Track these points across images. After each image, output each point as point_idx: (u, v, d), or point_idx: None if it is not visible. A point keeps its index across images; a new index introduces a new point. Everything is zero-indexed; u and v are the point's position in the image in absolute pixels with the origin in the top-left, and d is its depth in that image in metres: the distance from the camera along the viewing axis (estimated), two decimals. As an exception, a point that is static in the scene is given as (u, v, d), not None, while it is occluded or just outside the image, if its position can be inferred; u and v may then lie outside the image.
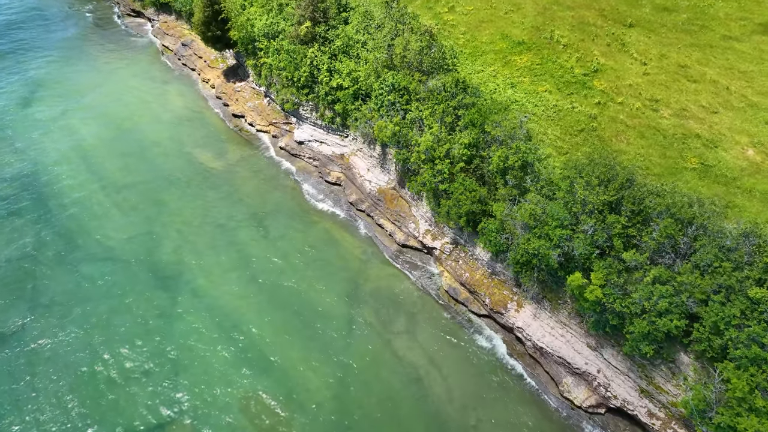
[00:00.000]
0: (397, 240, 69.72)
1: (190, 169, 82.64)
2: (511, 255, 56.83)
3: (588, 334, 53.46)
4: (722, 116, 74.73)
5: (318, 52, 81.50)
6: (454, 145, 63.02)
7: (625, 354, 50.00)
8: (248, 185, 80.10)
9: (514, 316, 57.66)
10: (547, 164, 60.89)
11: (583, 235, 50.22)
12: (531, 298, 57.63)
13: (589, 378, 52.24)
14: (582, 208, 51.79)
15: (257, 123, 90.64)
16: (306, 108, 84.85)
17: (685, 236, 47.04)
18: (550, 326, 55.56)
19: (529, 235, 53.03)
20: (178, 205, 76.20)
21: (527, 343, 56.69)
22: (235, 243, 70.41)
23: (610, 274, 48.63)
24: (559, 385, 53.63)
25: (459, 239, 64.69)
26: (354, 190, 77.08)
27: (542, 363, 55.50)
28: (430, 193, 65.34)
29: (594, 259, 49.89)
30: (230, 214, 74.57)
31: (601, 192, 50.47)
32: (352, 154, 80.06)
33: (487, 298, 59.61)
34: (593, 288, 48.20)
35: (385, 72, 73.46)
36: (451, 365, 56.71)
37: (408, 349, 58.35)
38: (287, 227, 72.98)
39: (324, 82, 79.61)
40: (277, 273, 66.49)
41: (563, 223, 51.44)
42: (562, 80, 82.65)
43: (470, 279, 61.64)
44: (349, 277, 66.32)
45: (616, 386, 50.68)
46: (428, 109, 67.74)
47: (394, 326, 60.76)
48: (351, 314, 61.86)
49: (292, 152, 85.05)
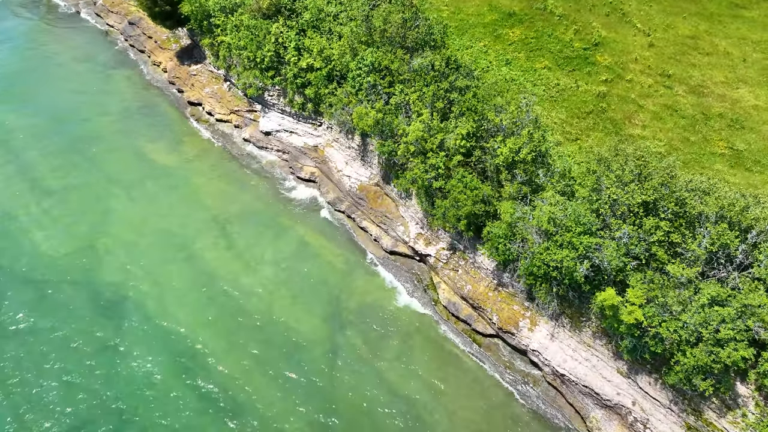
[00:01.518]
0: (384, 246, 59.96)
1: (140, 167, 71.05)
2: (523, 265, 47.71)
3: (618, 356, 44.91)
4: (743, 92, 66.63)
5: (283, 27, 70.24)
6: (449, 136, 53.16)
7: (669, 384, 41.61)
8: (208, 185, 69.04)
9: (528, 336, 48.76)
10: (560, 154, 51.65)
11: (616, 244, 41.23)
12: (548, 315, 48.74)
13: (623, 412, 43.83)
14: (611, 209, 42.77)
15: (217, 111, 79.13)
16: (272, 93, 73.73)
17: (742, 243, 38.45)
18: (572, 348, 46.85)
19: (549, 244, 43.84)
20: (126, 212, 64.87)
21: (545, 369, 47.96)
22: (194, 256, 59.69)
23: (651, 291, 39.87)
24: (587, 420, 45.13)
25: (457, 244, 55.29)
26: (331, 188, 66.79)
27: (564, 393, 46.88)
28: (422, 192, 55.57)
29: (629, 272, 41.04)
30: (187, 221, 63.64)
31: (637, 190, 41.43)
32: (327, 145, 69.58)
33: (494, 316, 50.52)
34: (632, 309, 39.40)
35: (362, 49, 62.83)
36: (455, 397, 47.71)
37: (403, 379, 49.07)
38: (255, 234, 62.48)
39: (292, 63, 68.59)
40: (245, 293, 56.16)
41: (590, 229, 42.37)
42: (562, 55, 73.47)
43: (473, 292, 52.40)
44: (329, 293, 56.43)
45: (657, 422, 42.36)
46: (415, 92, 57.63)
47: (386, 352, 51.33)
48: (334, 340, 52.15)
49: (258, 144, 74.05)
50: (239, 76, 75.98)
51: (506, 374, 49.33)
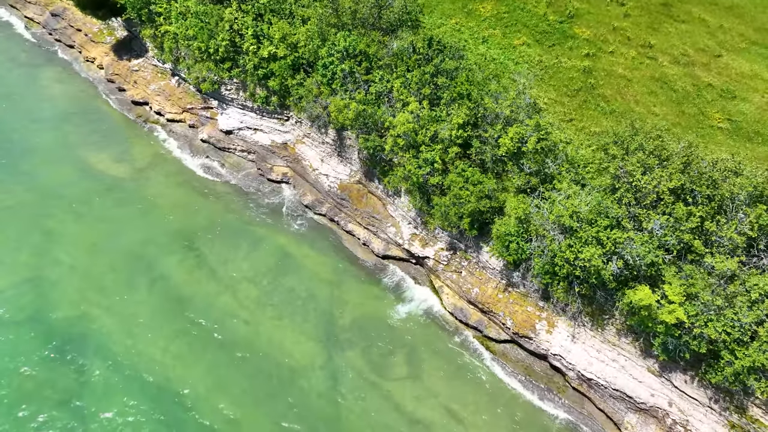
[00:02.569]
0: (375, 250, 54.51)
1: (85, 180, 62.26)
2: (538, 263, 43.57)
3: (647, 354, 41.68)
4: (727, 60, 64.43)
5: (238, 12, 62.55)
6: (443, 126, 47.95)
7: (712, 383, 38.64)
8: (167, 195, 61.23)
9: (547, 339, 44.85)
10: (567, 140, 47.50)
11: (648, 236, 37.46)
12: (567, 315, 44.95)
13: (659, 414, 40.70)
14: (636, 198, 38.95)
15: (167, 110, 70.68)
16: (230, 87, 66.10)
17: (785, 227, 35.46)
18: (596, 349, 43.28)
19: (571, 240, 39.66)
20: (74, 233, 56.45)
21: (569, 374, 44.27)
22: (160, 280, 52.38)
23: (690, 287, 36.41)
24: (621, 426, 41.82)
25: (458, 244, 50.56)
26: (308, 189, 60.47)
27: (593, 398, 43.37)
28: (415, 189, 50.29)
29: (662, 267, 37.43)
30: (149, 238, 55.96)
31: (665, 175, 37.68)
32: (298, 141, 63.00)
33: (508, 320, 46.29)
34: (672, 308, 35.83)
35: (332, 33, 56.33)
36: (477, 416, 43.37)
37: (417, 401, 44.29)
38: (227, 248, 55.61)
39: (251, 52, 61.22)
40: (224, 318, 49.60)
41: (618, 222, 38.45)
42: (538, 30, 69.05)
43: (481, 295, 47.95)
44: (320, 309, 50.68)
45: (697, 422, 39.44)
46: (398, 78, 51.94)
47: (393, 370, 46.33)
48: (333, 363, 46.63)
49: (219, 145, 66.48)
50: (190, 69, 67.78)
51: (527, 383, 45.36)
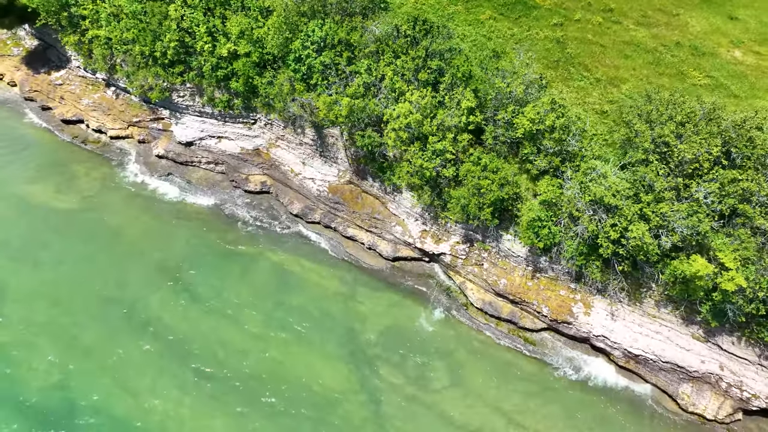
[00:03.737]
0: (383, 254, 50.70)
1: (28, 219, 53.42)
2: (570, 245, 41.87)
3: (689, 322, 41.37)
4: (685, 17, 65.42)
5: (185, 8, 55.35)
6: (449, 112, 44.64)
7: (760, 340, 38.81)
8: (132, 223, 53.80)
9: (588, 322, 43.48)
10: (577, 115, 45.75)
11: (697, 205, 36.50)
12: (601, 294, 43.75)
13: (713, 379, 40.58)
14: (670, 168, 37.89)
15: (109, 127, 62.17)
16: (183, 93, 58.90)
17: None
18: (638, 324, 42.46)
19: (616, 219, 38.00)
20: (32, 285, 48.21)
21: (614, 353, 43.21)
22: (149, 323, 45.79)
23: (743, 251, 35.95)
24: (677, 398, 41.35)
25: (474, 235, 47.88)
26: (294, 196, 55.27)
27: (642, 374, 42.61)
28: (425, 184, 46.79)
29: (710, 235, 36.69)
30: (123, 278, 48.82)
31: (703, 141, 36.74)
32: (272, 146, 57.39)
33: (543, 307, 44.42)
34: (731, 275, 35.21)
35: (303, 23, 50.98)
36: (532, 411, 41.34)
37: (469, 409, 41.57)
38: (218, 275, 49.66)
39: (206, 52, 54.52)
40: (235, 353, 44.15)
41: (663, 195, 37.18)
42: (500, 2, 67.01)
43: (509, 286, 45.71)
44: (339, 325, 46.44)
45: (751, 381, 39.66)
46: (388, 66, 47.84)
47: (433, 381, 43.23)
48: (369, 383, 42.79)
49: (180, 160, 59.31)
50: (131, 77, 59.60)
51: (572, 370, 43.88)
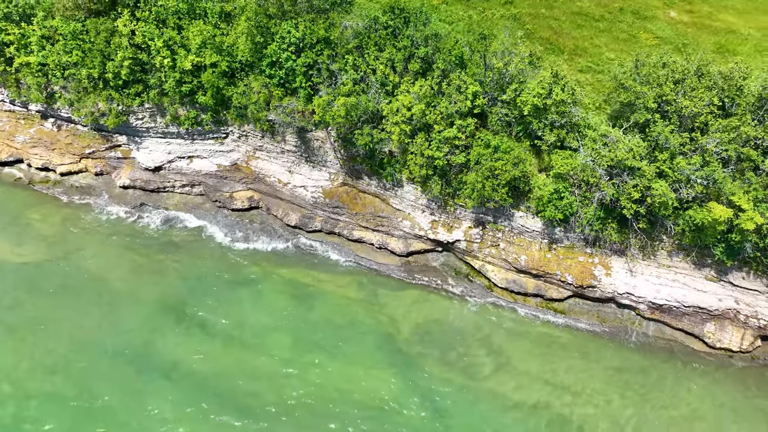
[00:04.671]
0: (396, 251, 49.73)
1: (-15, 280, 46.83)
2: (587, 212, 43.40)
3: (701, 266, 44.39)
4: (617, -17, 69.62)
5: (135, 23, 50.59)
6: (453, 99, 44.34)
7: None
8: (115, 264, 48.82)
9: (611, 282, 45.34)
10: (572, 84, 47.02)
11: (708, 155, 38.97)
12: (616, 254, 45.76)
13: (731, 314, 43.82)
14: (681, 124, 40.19)
15: (56, 163, 55.79)
16: (141, 116, 54.06)
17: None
18: (656, 275, 44.90)
19: (637, 180, 39.68)
20: (14, 355, 42.36)
21: (639, 307, 45.39)
22: (167, 369, 41.88)
23: (753, 192, 38.95)
24: (703, 338, 44.21)
25: (485, 218, 48.18)
26: (287, 208, 52.68)
27: (668, 322, 45.12)
28: (433, 174, 46.30)
29: (722, 181, 39.33)
30: (122, 328, 44.23)
31: (702, 95, 39.21)
32: (251, 158, 54.29)
33: (567, 276, 45.72)
34: (749, 215, 38.06)
35: (274, 25, 48.28)
36: (581, 378, 42.49)
37: (519, 388, 41.97)
38: (229, 303, 46.40)
39: (167, 67, 50.25)
40: (271, 384, 41.48)
41: (678, 151, 39.31)
42: (447, -15, 67.59)
43: (530, 261, 46.57)
44: (370, 331, 45.11)
45: (764, 309, 43.31)
46: (377, 60, 46.61)
47: (480, 368, 43.20)
48: (417, 384, 41.94)
49: (150, 187, 54.49)
50: (77, 104, 53.79)
51: (604, 330, 45.61)
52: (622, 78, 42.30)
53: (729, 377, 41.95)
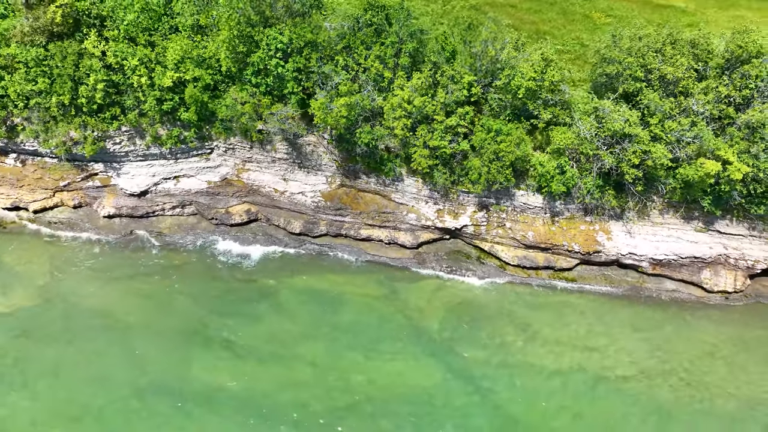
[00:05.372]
0: (407, 244, 50.42)
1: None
2: (587, 182, 46.14)
3: (688, 219, 48.36)
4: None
5: (105, 43, 48.01)
6: (450, 89, 45.56)
7: (748, 216, 46.87)
8: (118, 300, 46.39)
9: (614, 246, 48.35)
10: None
11: (694, 116, 42.56)
12: (613, 218, 48.86)
13: (722, 260, 48.02)
14: (671, 88, 43.64)
15: (27, 201, 51.96)
16: (119, 139, 51.41)
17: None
18: (653, 234, 48.39)
19: (635, 146, 42.64)
20: (31, 411, 39.30)
21: (642, 265, 48.70)
22: (206, 397, 40.35)
23: (735, 145, 42.95)
24: (702, 284, 48.11)
25: (487, 200, 49.85)
26: (289, 216, 51.97)
27: (669, 274, 48.72)
28: (439, 163, 47.34)
29: (709, 139, 43.06)
30: (145, 364, 42.13)
31: (682, 61, 42.76)
32: (241, 171, 53.07)
33: (574, 245, 48.30)
34: (736, 166, 41.97)
35: (256, 33, 47.39)
36: (607, 339, 45.00)
37: (552, 355, 43.94)
38: (250, 321, 45.38)
39: (145, 86, 48.12)
40: (315, 393, 41.01)
41: (670, 114, 42.62)
42: (400, -19, 68.79)
43: (537, 236, 48.78)
44: (400, 326, 45.54)
45: (749, 251, 47.77)
46: (368, 59, 46.99)
47: (511, 343, 44.78)
48: (457, 368, 42.85)
49: (138, 213, 51.96)
50: (45, 135, 50.35)
51: (614, 291, 48.57)
52: (606, 52, 45.07)
53: (731, 315, 46.01)
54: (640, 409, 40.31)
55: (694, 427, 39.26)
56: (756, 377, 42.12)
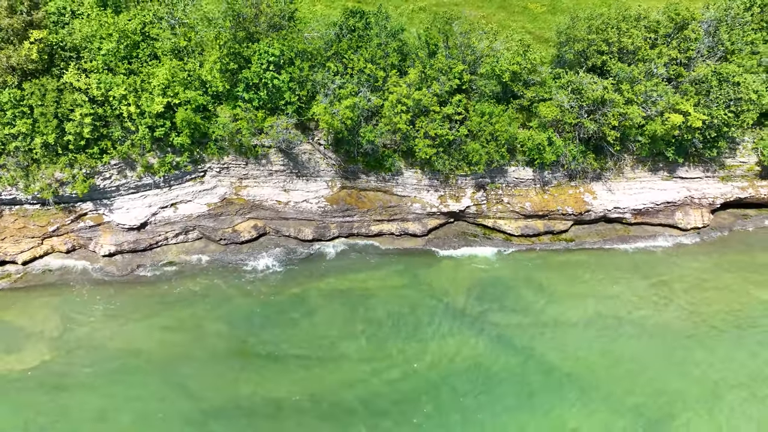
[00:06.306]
0: (417, 233, 52.78)
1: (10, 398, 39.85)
2: (572, 149, 51.20)
3: (655, 170, 54.89)
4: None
5: (87, 76, 46.38)
6: (442, 80, 48.74)
7: (702, 160, 54.10)
8: (146, 337, 44.75)
9: (600, 203, 53.66)
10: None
11: (658, 79, 48.74)
12: (592, 179, 54.34)
13: (689, 200, 54.82)
14: (630, 57, 49.55)
15: (13, 252, 48.65)
16: (108, 174, 49.54)
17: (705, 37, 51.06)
18: (629, 188, 54.32)
19: (615, 110, 48.02)
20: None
21: (625, 217, 54.43)
22: (268, 411, 40.31)
23: (691, 98, 49.63)
24: (677, 225, 54.59)
25: (483, 180, 53.47)
26: (298, 225, 52.53)
27: (648, 221, 54.81)
28: (441, 150, 50.22)
29: (670, 95, 49.42)
30: (189, 392, 41.35)
31: (639, 32, 48.88)
32: (239, 188, 52.96)
33: (567, 208, 53.06)
34: (695, 116, 48.54)
35: (244, 49, 47.95)
36: (615, 285, 49.84)
37: (573, 308, 48.07)
38: (284, 330, 45.71)
39: (134, 114, 47.04)
40: (368, 386, 42.25)
41: (637, 78, 48.42)
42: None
43: (534, 205, 53.08)
44: (432, 309, 47.74)
45: (708, 189, 54.95)
46: (358, 60, 49.08)
47: (534, 304, 48.43)
48: (494, 338, 45.72)
49: (141, 247, 50.23)
50: (26, 181, 47.52)
51: (607, 244, 53.81)
52: (571, 32, 50.28)
53: (707, 248, 52.78)
54: (660, 340, 45.36)
55: (712, 347, 44.68)
56: (741, 294, 48.78)
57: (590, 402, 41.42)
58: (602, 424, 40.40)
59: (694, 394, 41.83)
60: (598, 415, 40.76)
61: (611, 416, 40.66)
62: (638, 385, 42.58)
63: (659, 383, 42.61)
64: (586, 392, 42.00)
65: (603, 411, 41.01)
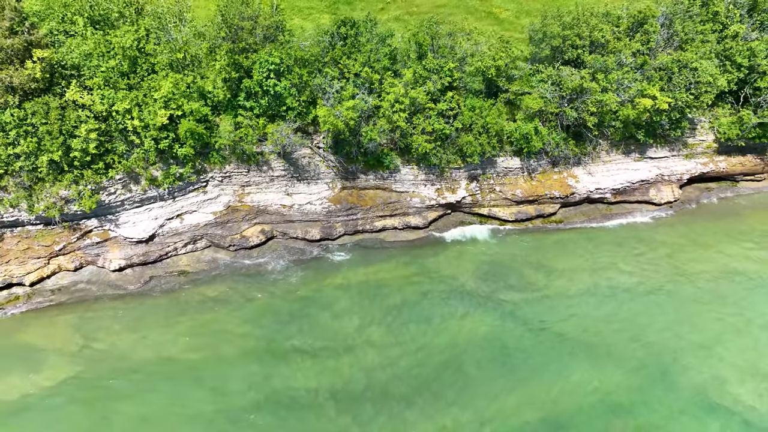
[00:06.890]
0: (419, 225, 55.36)
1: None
2: (555, 137, 55.44)
3: (627, 153, 59.95)
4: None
5: (89, 92, 46.78)
6: (434, 79, 51.97)
7: (668, 141, 59.55)
8: (170, 345, 44.96)
9: (583, 186, 58.00)
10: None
11: (628, 68, 53.68)
12: (573, 164, 58.75)
13: (660, 178, 60.04)
14: (601, 50, 54.31)
15: (19, 275, 47.85)
16: (113, 189, 49.74)
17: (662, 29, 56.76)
18: (607, 170, 59.02)
19: (592, 99, 52.54)
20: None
21: (606, 197, 58.97)
22: (305, 398, 41.55)
23: (657, 83, 54.89)
24: (652, 200, 59.54)
25: (475, 172, 56.87)
26: (304, 226, 54.08)
27: (626, 199, 59.54)
28: (438, 145, 53.22)
29: (638, 82, 54.50)
30: (227, 391, 42.14)
31: (605, 27, 53.84)
32: (242, 195, 54.15)
33: (555, 192, 57.08)
34: (662, 99, 53.75)
35: (244, 59, 49.66)
36: (609, 257, 53.88)
37: (571, 281, 51.72)
38: (309, 325, 46.99)
39: (139, 128, 47.76)
40: (395, 368, 44.24)
41: (610, 67, 53.12)
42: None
43: (524, 192, 56.82)
44: (444, 294, 50.16)
45: (675, 167, 60.42)
46: (357, 66, 51.64)
47: (536, 281, 51.75)
48: (504, 312, 48.68)
49: (151, 259, 50.41)
50: (30, 201, 47.12)
51: (592, 222, 58.11)
52: (547, 29, 54.68)
53: (684, 217, 58.08)
54: (655, 300, 49.64)
55: (705, 303, 49.33)
56: (715, 252, 54.06)
57: (603, 365, 44.88)
58: (616, 381, 43.90)
59: (695, 341, 46.26)
60: (612, 373, 44.21)
61: (625, 374, 44.25)
62: (642, 342, 46.47)
63: (660, 337, 46.73)
64: (597, 357, 45.45)
65: (616, 370, 44.51)
